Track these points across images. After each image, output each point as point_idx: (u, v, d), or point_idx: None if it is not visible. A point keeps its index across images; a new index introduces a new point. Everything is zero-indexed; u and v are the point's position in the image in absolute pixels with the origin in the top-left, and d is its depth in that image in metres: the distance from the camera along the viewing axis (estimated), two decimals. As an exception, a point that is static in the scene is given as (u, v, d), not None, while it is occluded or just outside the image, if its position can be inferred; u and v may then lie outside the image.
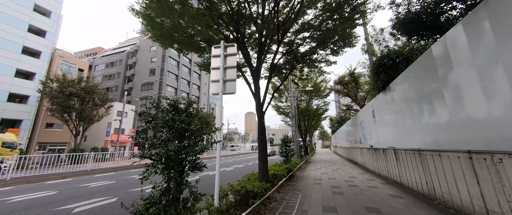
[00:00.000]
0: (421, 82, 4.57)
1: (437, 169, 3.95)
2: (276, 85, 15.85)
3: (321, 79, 16.20)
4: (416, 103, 4.84)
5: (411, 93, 5.08)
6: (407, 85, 5.30)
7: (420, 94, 4.61)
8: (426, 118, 4.48)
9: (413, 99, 4.97)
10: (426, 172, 4.36)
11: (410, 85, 5.13)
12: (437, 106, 4.00)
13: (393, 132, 6.39)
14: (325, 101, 17.11)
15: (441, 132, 3.91)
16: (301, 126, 18.08)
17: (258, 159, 4.62)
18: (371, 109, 8.76)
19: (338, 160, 15.51)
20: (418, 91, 4.74)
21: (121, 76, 39.00)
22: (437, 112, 4.00)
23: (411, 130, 5.15)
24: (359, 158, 11.52)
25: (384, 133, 7.27)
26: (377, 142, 8.28)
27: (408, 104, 5.23)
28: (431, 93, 4.18)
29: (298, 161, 11.08)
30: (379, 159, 7.48)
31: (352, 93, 12.87)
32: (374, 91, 7.81)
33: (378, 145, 8.09)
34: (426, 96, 4.38)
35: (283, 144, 8.28)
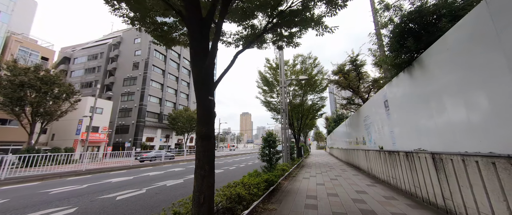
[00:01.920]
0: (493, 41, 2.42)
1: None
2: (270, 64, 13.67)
3: (317, 70, 14.11)
4: (486, 77, 2.69)
5: (472, 60, 2.94)
6: (461, 50, 3.17)
7: (491, 59, 2.46)
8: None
9: (477, 70, 2.84)
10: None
11: (468, 49, 2.99)
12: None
13: (427, 129, 4.25)
14: (321, 96, 15.03)
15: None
16: (294, 125, 15.94)
17: (195, 172, 2.36)
18: (383, 98, 6.64)
19: (336, 164, 13.41)
20: (486, 56, 2.60)
21: (101, 70, 35.99)
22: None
23: (471, 125, 3.01)
24: (362, 162, 9.42)
25: (407, 130, 5.15)
26: (392, 143, 6.15)
27: (467, 80, 3.09)
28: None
29: (288, 166, 8.87)
30: (397, 166, 5.35)
31: (354, 84, 10.78)
32: (391, 70, 5.70)
33: (394, 147, 5.97)
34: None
35: (266, 145, 6.08)
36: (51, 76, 16.10)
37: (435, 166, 3.67)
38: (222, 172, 10.54)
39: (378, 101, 7.23)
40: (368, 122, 8.67)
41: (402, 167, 5.05)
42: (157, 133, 34.79)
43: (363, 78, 11.06)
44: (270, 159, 5.96)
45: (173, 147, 37.43)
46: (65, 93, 17.16)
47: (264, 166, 5.99)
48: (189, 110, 36.63)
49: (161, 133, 35.67)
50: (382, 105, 6.80)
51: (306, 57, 13.67)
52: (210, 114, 2.65)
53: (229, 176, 8.82)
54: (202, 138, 2.46)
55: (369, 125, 8.55)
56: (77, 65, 38.57)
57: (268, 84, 14.75)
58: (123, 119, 32.08)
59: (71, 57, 39.59)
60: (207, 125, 2.55)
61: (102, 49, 37.46)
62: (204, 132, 2.49)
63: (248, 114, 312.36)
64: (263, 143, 6.16)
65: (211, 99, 2.70)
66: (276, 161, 6.28)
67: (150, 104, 33.68)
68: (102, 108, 25.12)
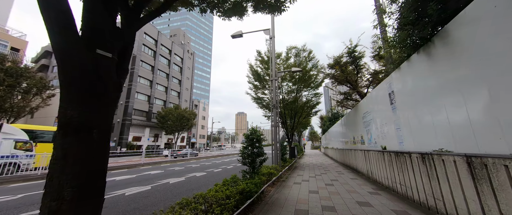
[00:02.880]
0: None
1: None
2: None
3: (311, 64, 13.09)
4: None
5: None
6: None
7: None
8: None
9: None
10: None
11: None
12: None
13: (452, 125, 3.22)
14: (316, 92, 14.03)
15: None
16: (287, 124, 14.90)
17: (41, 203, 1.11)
18: (387, 90, 5.64)
19: (331, 165, 12.45)
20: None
21: (86, 65, 33.95)
22: None
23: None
24: (361, 164, 8.44)
25: (420, 127, 4.13)
26: (399, 143, 5.15)
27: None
28: None
29: (277, 169, 7.79)
30: (407, 170, 4.33)
31: (352, 78, 9.81)
32: (401, 53, 4.67)
33: (401, 147, 4.96)
34: None
35: (248, 144, 4.91)
36: (18, 68, 14.44)
37: (471, 174, 2.63)
38: (204, 175, 9.35)
39: (381, 95, 6.23)
40: (368, 119, 7.68)
41: (415, 172, 4.03)
42: (145, 132, 33.11)
43: (361, 71, 10.11)
44: (253, 162, 4.83)
45: (162, 147, 35.82)
46: (36, 87, 15.52)
47: (244, 170, 4.84)
48: (180, 108, 35.12)
49: (149, 132, 34.01)
50: (386, 99, 5.79)
51: (300, 49, 12.63)
52: (96, 82, 1.45)
53: (210, 181, 7.65)
54: (69, 133, 1.28)
55: (369, 122, 7.57)
56: (60, 59, 36.36)
57: (260, 79, 13.64)
58: (108, 117, 30.31)
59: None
60: (86, 105, 1.38)
61: (87, 43, 35.41)
62: (76, 120, 1.33)
63: (243, 114, 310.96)
64: (245, 141, 5.02)
65: (105, 57, 1.49)
66: (261, 165, 5.17)
67: (138, 102, 32.00)
68: (82, 105, 23.42)
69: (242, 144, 5.74)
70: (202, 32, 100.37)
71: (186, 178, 8.30)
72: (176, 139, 35.35)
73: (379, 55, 9.38)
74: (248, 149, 4.97)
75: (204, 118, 58.37)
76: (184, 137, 45.13)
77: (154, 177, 8.74)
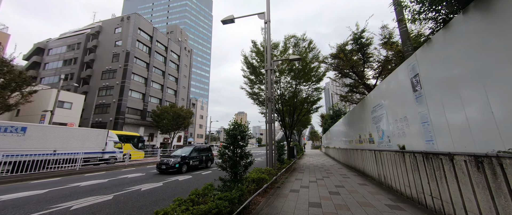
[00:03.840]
0: None
1: None
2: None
3: (312, 56, 11.86)
4: None
5: None
6: None
7: None
8: None
9: None
10: None
11: None
12: None
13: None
14: (317, 87, 12.80)
15: None
16: (286, 121, 13.71)
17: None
18: (409, 74, 4.44)
19: (333, 167, 11.25)
20: None
21: (78, 61, 32.85)
22: None
23: None
24: (370, 166, 7.24)
25: (470, 118, 2.92)
26: (426, 141, 3.94)
27: None
28: None
29: (271, 173, 6.61)
30: (445, 178, 3.13)
31: (358, 68, 8.58)
32: (428, 21, 3.47)
33: (430, 147, 3.77)
34: None
35: (229, 142, 3.68)
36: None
37: None
38: (188, 179, 8.16)
39: (398, 82, 5.03)
40: (379, 114, 6.48)
41: (461, 183, 2.82)
42: (139, 132, 31.92)
43: (369, 61, 8.89)
44: (234, 166, 3.63)
45: (158, 146, 34.65)
46: (14, 82, 14.33)
47: (222, 178, 3.63)
48: (176, 106, 33.93)
49: (144, 132, 32.83)
50: (405, 87, 4.59)
51: (299, 38, 11.41)
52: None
53: (192, 187, 6.46)
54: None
55: (380, 117, 6.37)
56: (52, 56, 35.19)
57: (255, 72, 12.43)
58: (100, 116, 29.16)
59: (45, 47, 36.16)
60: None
61: (79, 39, 34.23)
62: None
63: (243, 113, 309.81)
64: (227, 139, 3.81)
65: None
66: (246, 170, 3.97)
67: (132, 100, 30.83)
68: (71, 103, 22.23)
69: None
70: (201, 30, 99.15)
71: (164, 183, 7.10)
72: (172, 139, 34.16)
73: (389, 42, 8.16)
74: (229, 149, 3.76)
75: (202, 117, 57.19)
76: (181, 137, 43.96)
77: (129, 181, 7.56)
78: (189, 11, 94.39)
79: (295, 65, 12.02)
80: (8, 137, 9.48)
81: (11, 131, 9.64)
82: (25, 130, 10.08)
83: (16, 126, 9.91)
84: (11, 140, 9.55)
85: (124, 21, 32.59)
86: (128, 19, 32.55)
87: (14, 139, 9.66)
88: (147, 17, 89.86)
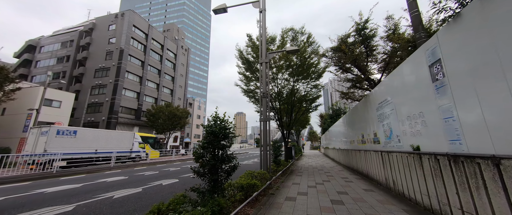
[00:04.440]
0: None
1: None
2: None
3: (311, 50, 11.14)
4: None
5: None
6: None
7: None
8: None
9: None
10: None
11: None
12: None
13: None
14: (316, 84, 12.08)
15: None
16: (283, 121, 12.98)
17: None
18: (426, 60, 3.72)
19: (333, 169, 10.53)
20: None
21: (70, 59, 31.90)
22: None
23: None
24: (374, 169, 6.51)
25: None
26: (450, 141, 3.20)
27: None
28: None
29: (265, 177, 5.88)
30: (485, 189, 2.40)
31: (360, 62, 7.87)
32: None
33: (457, 148, 3.03)
34: None
35: (207, 140, 2.86)
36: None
37: None
38: (173, 183, 7.39)
39: (413, 71, 4.31)
40: (386, 111, 5.77)
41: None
42: (133, 132, 31.01)
43: (373, 54, 8.18)
44: (213, 172, 2.85)
45: (153, 147, 33.75)
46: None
47: (196, 188, 2.81)
48: (171, 106, 33.08)
49: (138, 131, 31.92)
50: (422, 76, 3.87)
51: (297, 31, 10.69)
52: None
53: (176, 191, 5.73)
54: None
55: (388, 114, 5.65)
56: (44, 54, 34.20)
57: (251, 68, 11.68)
58: (93, 115, 28.23)
59: (37, 45, 35.16)
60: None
61: (72, 37, 33.28)
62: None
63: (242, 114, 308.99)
64: (204, 137, 3.03)
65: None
66: (228, 176, 3.19)
67: (125, 99, 29.94)
68: (60, 101, 21.30)
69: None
70: (199, 29, 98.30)
71: (143, 189, 6.31)
72: (168, 139, 33.30)
73: (396, 32, 7.46)
74: (207, 150, 3.00)
75: (199, 117, 56.28)
76: (177, 137, 43.10)
77: (113, 184, 6.77)
78: (187, 10, 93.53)
79: (293, 61, 11.30)
80: (64, 139, 11.34)
81: (66, 134, 11.53)
82: (76, 133, 12.02)
83: (70, 129, 11.92)
84: (66, 141, 11.39)
85: (118, 18, 31.72)
86: (123, 16, 31.69)
87: (68, 141, 11.48)
88: (145, 16, 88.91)
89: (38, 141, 10.90)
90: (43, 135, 10.87)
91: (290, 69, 11.60)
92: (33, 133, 11.64)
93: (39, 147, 10.61)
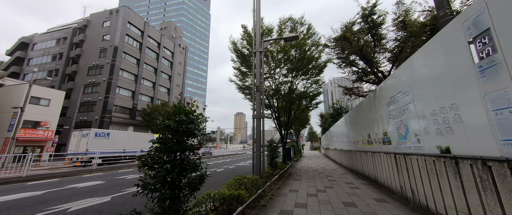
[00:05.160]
0: None
1: None
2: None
3: (311, 43, 10.24)
4: None
5: None
6: None
7: None
8: None
9: None
10: None
11: None
12: None
13: None
14: (317, 79, 11.18)
15: None
16: (281, 120, 12.07)
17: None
18: (466, 35, 2.79)
19: (336, 171, 9.62)
20: None
21: (63, 56, 31.01)
22: None
23: None
24: (385, 174, 5.60)
25: None
26: (504, 141, 2.31)
27: None
28: None
29: (256, 185, 4.99)
30: None
31: (367, 52, 6.97)
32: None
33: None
34: None
35: (165, 144, 2.01)
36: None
37: None
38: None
39: (442, 51, 3.40)
40: (401, 105, 4.87)
41: None
42: (128, 131, 30.09)
43: (381, 44, 7.27)
44: (174, 186, 1.94)
45: (148, 147, 32.82)
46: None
47: (150, 209, 1.92)
48: (168, 105, 32.16)
49: (133, 131, 30.99)
50: (459, 54, 2.96)
51: (296, 21, 9.79)
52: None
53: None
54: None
55: (404, 109, 4.75)
56: (36, 51, 33.30)
57: (246, 62, 10.78)
58: (85, 114, 27.31)
59: (30, 42, 34.26)
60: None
61: (65, 34, 32.39)
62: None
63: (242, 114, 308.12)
64: (159, 136, 2.13)
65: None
66: (192, 192, 2.23)
67: (120, 97, 29.02)
68: (48, 99, 20.36)
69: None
70: (198, 29, 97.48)
71: (113, 197, 5.41)
72: (163, 139, 32.36)
73: (408, 17, 6.56)
74: (164, 154, 2.08)
75: (197, 117, 55.30)
76: (175, 137, 42.16)
77: (93, 190, 5.86)
78: (186, 9, 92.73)
79: (292, 55, 10.40)
80: (100, 140, 13.20)
81: (101, 136, 13.44)
82: (109, 135, 14.05)
83: (104, 132, 13.92)
84: (102, 142, 13.25)
85: (113, 14, 30.83)
86: (117, 13, 30.81)
87: (103, 142, 13.33)
88: (143, 15, 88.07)
89: (80, 142, 12.93)
90: (84, 136, 13.03)
91: (288, 64, 10.70)
92: (74, 136, 13.91)
93: (82, 147, 12.60)
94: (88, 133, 13.00)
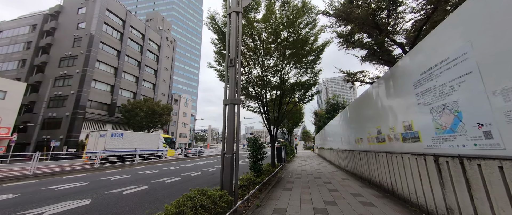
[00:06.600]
0: None
1: None
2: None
3: (307, 21, 8.47)
4: None
5: None
6: None
7: None
8: None
9: None
10: None
11: None
12: None
13: None
14: (312, 67, 9.46)
15: None
16: (270, 115, 10.28)
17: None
18: None
19: (334, 176, 7.92)
20: None
21: (32, 46, 27.85)
22: None
23: None
24: (413, 185, 3.88)
25: None
26: None
27: None
28: None
29: (217, 207, 3.04)
30: None
31: (381, 20, 5.27)
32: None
33: None
34: None
35: None
36: None
37: None
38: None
39: None
40: (447, 81, 3.15)
41: None
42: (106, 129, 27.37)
43: (396, 11, 5.57)
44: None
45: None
46: None
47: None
48: (151, 101, 29.67)
49: (112, 129, 28.29)
50: None
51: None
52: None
53: None
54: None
55: (453, 86, 3.03)
56: (2, 40, 29.83)
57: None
58: (55, 110, 24.43)
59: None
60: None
61: (35, 20, 29.17)
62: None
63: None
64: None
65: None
66: None
67: (95, 92, 26.29)
68: (4, 92, 17.56)
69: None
70: (190, 24, 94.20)
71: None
72: (146, 138, 29.81)
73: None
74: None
75: (186, 115, 52.73)
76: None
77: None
78: (177, 3, 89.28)
79: (285, 36, 8.61)
80: (115, 140, 14.42)
81: (116, 136, 14.67)
82: (123, 135, 15.26)
83: (119, 132, 15.13)
84: (117, 142, 14.46)
85: (89, 0, 27.95)
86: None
87: (118, 141, 14.56)
88: (131, 8, 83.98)
89: (98, 142, 13.98)
90: (102, 137, 14.08)
91: (280, 49, 8.90)
92: (92, 136, 14.92)
93: (100, 146, 13.60)
94: (105, 133, 14.14)
